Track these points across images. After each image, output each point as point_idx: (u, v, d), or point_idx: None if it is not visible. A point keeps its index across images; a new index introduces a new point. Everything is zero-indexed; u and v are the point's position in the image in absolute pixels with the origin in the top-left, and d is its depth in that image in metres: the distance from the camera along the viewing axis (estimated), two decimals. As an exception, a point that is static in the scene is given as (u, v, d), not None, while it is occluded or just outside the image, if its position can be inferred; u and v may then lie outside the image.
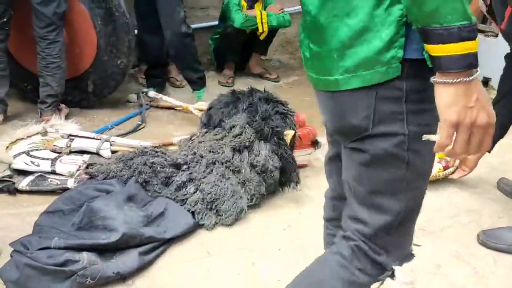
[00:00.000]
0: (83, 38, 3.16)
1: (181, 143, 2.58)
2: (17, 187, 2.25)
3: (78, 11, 3.08)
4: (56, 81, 2.98)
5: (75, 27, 3.13)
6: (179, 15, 3.26)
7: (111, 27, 3.13)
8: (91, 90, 3.30)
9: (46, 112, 2.99)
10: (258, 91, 2.57)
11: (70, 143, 2.59)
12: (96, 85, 3.29)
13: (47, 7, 2.82)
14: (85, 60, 3.21)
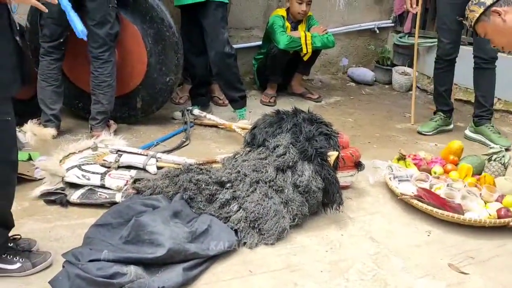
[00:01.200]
0: (134, 57, 3.29)
1: (225, 161, 2.63)
2: (69, 200, 2.35)
3: (131, 32, 3.23)
4: (107, 99, 3.11)
5: (128, 47, 3.27)
6: (223, 36, 3.36)
7: (161, 46, 3.26)
8: (139, 106, 3.42)
9: (97, 128, 3.12)
10: (302, 112, 2.60)
11: (118, 158, 2.67)
12: (145, 102, 3.41)
13: (102, 28, 2.97)
14: (135, 77, 3.34)
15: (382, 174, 2.75)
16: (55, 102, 3.12)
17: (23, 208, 2.31)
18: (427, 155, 2.96)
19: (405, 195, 2.50)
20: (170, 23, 3.20)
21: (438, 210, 2.37)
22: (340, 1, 4.93)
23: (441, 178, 2.67)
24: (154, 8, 3.15)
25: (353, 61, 5.25)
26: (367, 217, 2.47)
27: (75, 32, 2.35)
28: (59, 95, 3.14)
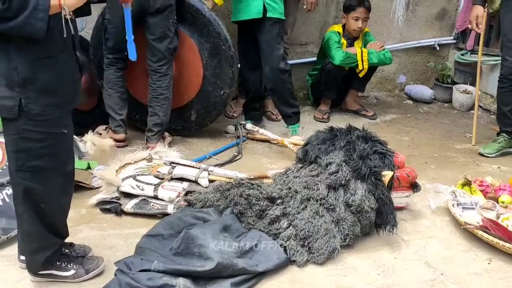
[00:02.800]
0: (190, 71, 3.36)
1: (276, 177, 2.61)
2: (123, 209, 2.41)
3: (188, 45, 3.30)
4: (163, 111, 3.19)
5: (185, 60, 3.34)
6: (278, 52, 3.38)
7: (217, 59, 3.31)
8: (193, 119, 3.48)
9: (152, 140, 3.20)
10: (357, 129, 2.54)
11: (171, 170, 2.72)
12: (199, 115, 3.46)
13: (161, 43, 3.06)
14: (191, 90, 3.41)
15: (444, 199, 2.62)
16: (122, 108, 3.25)
17: (80, 215, 2.39)
18: (495, 181, 2.78)
19: (469, 224, 2.37)
20: (226, 37, 3.26)
21: (505, 243, 2.22)
22: (399, 17, 4.83)
23: (509, 208, 2.51)
24: (211, 23, 3.21)
25: (411, 78, 5.11)
26: (422, 240, 2.36)
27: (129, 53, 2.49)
28: (125, 101, 3.27)
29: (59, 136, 1.71)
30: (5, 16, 1.45)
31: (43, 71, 1.60)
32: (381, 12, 4.71)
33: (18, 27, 1.48)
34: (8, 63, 1.55)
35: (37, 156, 1.66)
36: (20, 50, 1.55)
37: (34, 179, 1.69)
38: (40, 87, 1.60)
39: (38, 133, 1.64)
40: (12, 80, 1.56)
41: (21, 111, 1.59)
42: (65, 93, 1.70)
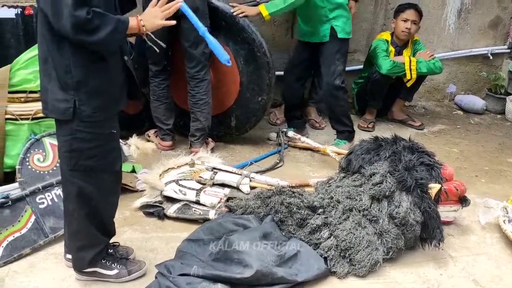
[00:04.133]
0: (228, 78, 3.38)
1: (318, 186, 2.58)
2: (166, 213, 2.44)
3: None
4: (204, 116, 3.22)
5: (222, 68, 3.31)
6: (335, 67, 3.35)
7: (253, 66, 3.31)
8: (234, 125, 3.51)
9: (195, 145, 3.24)
10: (403, 140, 2.47)
11: (213, 175, 2.74)
12: (239, 121, 3.48)
13: (197, 48, 3.09)
14: (230, 97, 3.44)
15: (495, 215, 2.50)
16: (169, 118, 3.33)
17: (124, 217, 2.44)
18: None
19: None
20: (261, 43, 3.25)
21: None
22: (450, 25, 4.68)
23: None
24: (245, 29, 3.22)
25: (461, 88, 4.93)
26: (470, 257, 2.26)
27: (219, 58, 2.22)
28: (171, 111, 3.34)
29: (108, 136, 1.77)
30: (87, 28, 1.53)
31: (94, 74, 1.67)
32: (431, 20, 4.58)
33: (95, 43, 1.57)
34: (63, 67, 1.62)
35: (88, 156, 1.73)
36: (74, 54, 1.62)
37: (86, 178, 1.76)
38: (91, 89, 1.67)
39: (89, 134, 1.70)
40: (66, 83, 1.64)
41: (75, 113, 1.65)
42: (113, 95, 1.76)
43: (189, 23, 3.00)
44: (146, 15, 1.73)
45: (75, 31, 1.53)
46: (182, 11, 1.89)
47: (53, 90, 1.66)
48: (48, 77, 1.66)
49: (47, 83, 1.67)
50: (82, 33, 1.54)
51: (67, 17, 1.50)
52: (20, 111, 2.40)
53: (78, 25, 1.52)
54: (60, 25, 1.53)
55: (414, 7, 3.90)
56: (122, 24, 1.63)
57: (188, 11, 1.92)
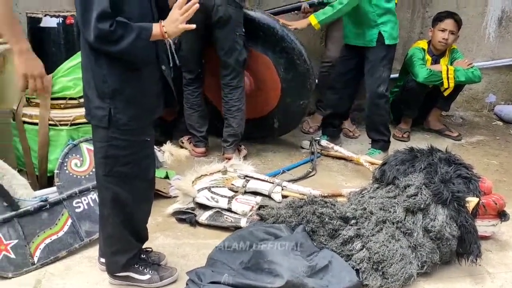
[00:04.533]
0: (269, 85, 3.41)
1: (351, 196, 2.54)
2: (198, 220, 2.46)
3: (263, 61, 3.35)
4: (237, 122, 3.24)
5: (262, 76, 3.41)
6: (380, 74, 3.29)
7: (293, 73, 3.34)
8: (276, 127, 3.58)
9: (228, 150, 3.26)
10: (439, 151, 2.42)
11: (245, 183, 2.75)
12: (281, 123, 3.55)
13: (231, 56, 3.11)
14: (271, 102, 3.48)
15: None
16: (202, 125, 3.36)
17: (156, 222, 2.47)
18: None
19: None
20: (301, 51, 3.26)
21: None
22: (490, 33, 4.55)
23: None
24: (284, 39, 3.23)
25: (501, 97, 4.78)
26: (509, 274, 2.18)
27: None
28: (205, 118, 3.38)
29: (143, 144, 1.80)
30: (109, 39, 1.58)
31: (130, 83, 1.71)
32: (471, 28, 4.47)
33: (120, 52, 1.62)
34: (100, 76, 1.68)
35: (123, 162, 1.76)
36: (111, 64, 1.67)
37: (120, 184, 1.80)
38: (127, 98, 1.71)
39: (124, 141, 1.74)
40: (103, 92, 1.69)
41: (111, 120, 1.70)
42: (148, 104, 1.79)
43: (222, 32, 3.07)
44: (168, 20, 1.72)
45: (98, 42, 1.58)
46: None
47: (92, 97, 1.71)
48: (88, 85, 1.72)
49: (87, 91, 1.73)
50: (105, 44, 1.60)
51: (92, 29, 1.56)
52: (60, 117, 2.47)
53: (101, 36, 1.57)
54: (87, 36, 1.60)
55: (452, 17, 3.81)
56: (145, 31, 1.65)
57: None
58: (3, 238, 2.04)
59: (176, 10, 1.70)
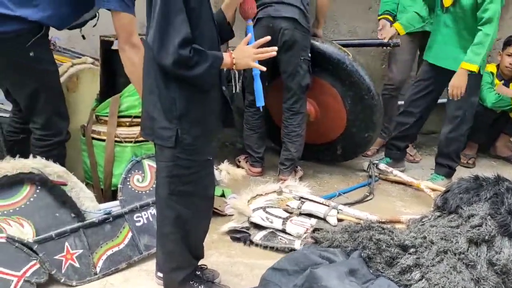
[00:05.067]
0: (335, 114, 3.42)
1: (410, 223, 2.46)
2: (252, 239, 2.48)
3: (331, 92, 3.35)
4: (295, 147, 3.24)
5: (328, 105, 3.42)
6: (469, 99, 3.14)
7: (360, 106, 3.32)
8: (340, 153, 3.58)
9: (284, 173, 3.26)
10: (507, 181, 2.29)
11: (301, 205, 2.74)
12: (345, 150, 3.56)
13: (293, 80, 3.13)
14: (335, 131, 3.49)
15: None
16: (260, 147, 3.40)
17: (211, 240, 2.51)
18: None
19: None
20: (369, 87, 3.23)
21: None
22: None
23: None
24: (352, 74, 3.20)
25: None
26: None
27: (256, 100, 2.37)
28: (263, 139, 3.42)
29: (205, 163, 1.86)
30: (187, 64, 1.65)
31: (196, 105, 1.77)
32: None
33: (194, 77, 1.69)
34: (169, 98, 1.74)
35: (186, 181, 1.82)
36: (180, 87, 1.73)
37: (183, 202, 1.85)
38: (193, 119, 1.77)
39: (188, 161, 1.79)
40: (171, 113, 1.75)
41: (177, 140, 1.75)
42: (211, 124, 1.85)
43: (287, 55, 3.08)
44: (239, 53, 1.80)
45: (176, 67, 1.65)
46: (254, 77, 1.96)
47: (158, 118, 1.77)
48: (153, 107, 1.78)
49: (153, 112, 1.78)
50: (182, 69, 1.66)
51: (171, 54, 1.62)
52: (125, 134, 2.59)
53: (180, 62, 1.63)
54: (163, 60, 1.65)
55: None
56: (218, 60, 1.73)
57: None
58: (70, 247, 2.15)
59: (250, 47, 1.79)
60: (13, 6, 2.17)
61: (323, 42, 3.28)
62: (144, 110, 1.85)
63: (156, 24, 1.64)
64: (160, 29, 1.63)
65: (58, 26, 2.40)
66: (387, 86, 3.84)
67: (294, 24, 2.99)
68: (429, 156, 3.95)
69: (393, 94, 3.79)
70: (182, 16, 1.63)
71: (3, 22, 2.18)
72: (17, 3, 2.18)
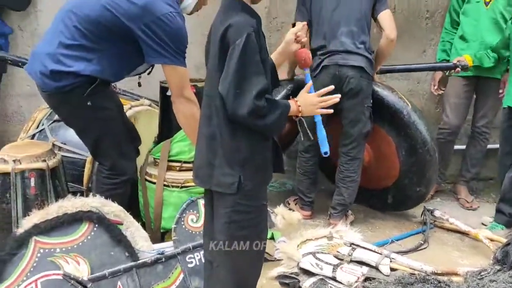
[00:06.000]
0: (387, 163, 3.37)
1: (468, 276, 2.35)
2: (301, 286, 2.44)
3: (386, 141, 3.31)
4: (349, 193, 3.20)
5: (382, 153, 3.37)
6: None
7: (414, 159, 3.24)
8: (390, 202, 3.49)
9: (335, 218, 3.22)
10: None
11: (352, 251, 2.68)
12: (395, 200, 3.47)
13: (354, 127, 3.10)
14: (387, 180, 3.42)
15: None
16: (311, 192, 3.38)
17: (260, 284, 2.46)
18: None
19: None
20: (425, 141, 3.16)
21: None
22: None
23: None
24: (409, 126, 3.17)
25: None
26: None
27: (320, 147, 2.16)
28: (315, 185, 3.39)
29: (261, 208, 1.86)
30: (260, 114, 1.67)
31: (259, 152, 1.80)
32: None
33: (264, 126, 1.71)
34: (234, 145, 1.76)
35: (244, 226, 1.82)
36: (245, 135, 1.75)
37: (239, 247, 1.84)
38: (255, 166, 1.79)
39: (247, 207, 1.80)
40: (234, 160, 1.76)
41: (239, 187, 1.76)
42: (269, 170, 1.88)
43: (351, 102, 3.05)
44: (304, 100, 1.82)
45: (250, 116, 1.66)
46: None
47: (220, 165, 1.77)
48: (213, 153, 1.78)
49: (213, 159, 1.79)
50: (255, 118, 1.67)
51: (247, 104, 1.64)
52: (172, 179, 2.65)
53: (255, 111, 1.65)
54: (237, 110, 1.66)
55: None
56: (287, 109, 1.76)
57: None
58: (122, 287, 2.19)
59: (314, 95, 1.82)
60: (69, 62, 2.30)
61: (383, 88, 3.25)
62: (200, 157, 1.86)
63: (232, 75, 1.65)
64: (237, 80, 1.64)
65: (112, 79, 2.51)
66: (442, 131, 3.75)
67: (360, 72, 3.00)
68: (487, 204, 3.79)
69: (449, 138, 3.70)
70: (259, 68, 1.67)
71: (61, 78, 2.30)
72: (73, 59, 2.30)
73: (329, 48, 3.02)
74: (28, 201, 2.39)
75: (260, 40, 1.75)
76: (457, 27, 3.64)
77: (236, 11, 1.74)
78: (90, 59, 2.31)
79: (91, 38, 2.29)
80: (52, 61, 2.30)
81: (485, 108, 3.64)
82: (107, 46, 2.31)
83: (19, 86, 3.83)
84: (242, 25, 1.68)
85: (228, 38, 1.68)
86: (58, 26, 2.35)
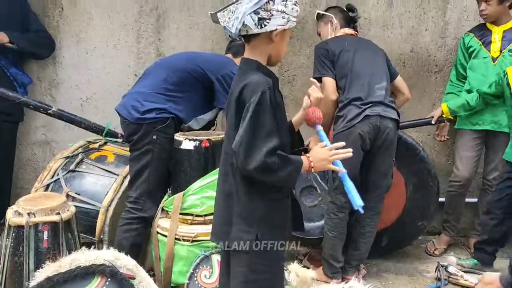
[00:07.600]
0: (393, 202, 3.32)
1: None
2: None
3: (396, 179, 3.25)
4: (366, 248, 3.13)
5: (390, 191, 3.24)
6: None
7: (421, 193, 3.29)
8: (383, 245, 3.44)
9: (348, 272, 3.15)
10: None
11: (366, 308, 2.62)
12: (390, 241, 3.44)
13: (383, 181, 3.06)
14: (386, 220, 3.37)
15: None
16: (343, 253, 3.16)
17: None
18: None
19: None
20: (437, 176, 3.25)
21: None
22: None
23: None
24: (423, 161, 3.20)
25: None
26: None
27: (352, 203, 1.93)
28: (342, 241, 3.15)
29: (279, 267, 1.86)
30: (270, 170, 1.66)
31: (276, 210, 1.79)
32: None
33: (274, 181, 1.73)
34: (250, 203, 1.76)
35: (260, 286, 1.80)
36: (261, 193, 1.76)
37: None
38: (273, 224, 1.78)
39: (264, 266, 1.78)
40: (250, 218, 1.75)
41: (256, 245, 1.74)
42: (287, 228, 1.87)
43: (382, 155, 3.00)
44: (316, 155, 1.80)
45: (259, 172, 1.66)
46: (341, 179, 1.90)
47: (237, 223, 1.76)
48: (230, 211, 1.77)
49: (229, 216, 1.77)
50: (263, 174, 1.67)
51: (255, 160, 1.63)
52: (183, 233, 2.63)
53: (264, 169, 1.65)
54: (246, 166, 1.66)
55: None
56: (298, 165, 1.74)
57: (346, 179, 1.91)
58: None
59: (326, 149, 1.80)
60: (162, 101, 2.82)
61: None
62: (218, 214, 1.86)
63: (244, 131, 1.66)
64: (249, 136, 1.65)
65: (185, 119, 2.90)
66: (453, 183, 3.72)
67: (395, 125, 3.01)
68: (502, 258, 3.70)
69: (460, 191, 3.67)
70: (272, 126, 1.67)
71: (149, 112, 2.78)
72: (165, 99, 2.81)
73: (369, 99, 2.99)
74: (40, 254, 2.38)
75: (276, 99, 1.77)
76: (463, 80, 3.68)
77: (252, 70, 1.78)
78: (177, 101, 2.82)
79: (179, 84, 2.83)
80: (147, 100, 2.79)
81: (495, 161, 3.62)
82: (189, 90, 2.85)
83: (34, 134, 3.90)
84: (257, 83, 1.71)
85: (244, 96, 1.71)
86: (156, 74, 2.89)
